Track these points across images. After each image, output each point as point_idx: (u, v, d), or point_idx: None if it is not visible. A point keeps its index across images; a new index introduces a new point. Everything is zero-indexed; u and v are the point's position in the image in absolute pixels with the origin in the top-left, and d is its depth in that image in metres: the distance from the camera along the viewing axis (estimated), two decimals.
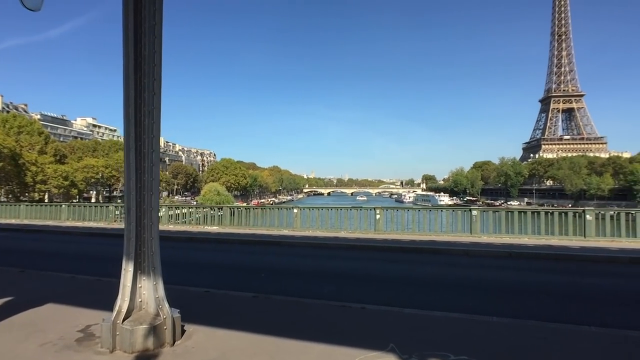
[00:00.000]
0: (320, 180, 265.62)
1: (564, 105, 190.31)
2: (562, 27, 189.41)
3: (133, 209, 4.47)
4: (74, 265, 10.33)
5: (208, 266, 10.65)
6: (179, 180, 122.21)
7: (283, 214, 17.63)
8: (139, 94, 4.40)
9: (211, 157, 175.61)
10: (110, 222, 21.09)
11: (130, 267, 4.42)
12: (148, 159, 4.46)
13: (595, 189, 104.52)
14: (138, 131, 4.43)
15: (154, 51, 4.39)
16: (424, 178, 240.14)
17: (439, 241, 13.33)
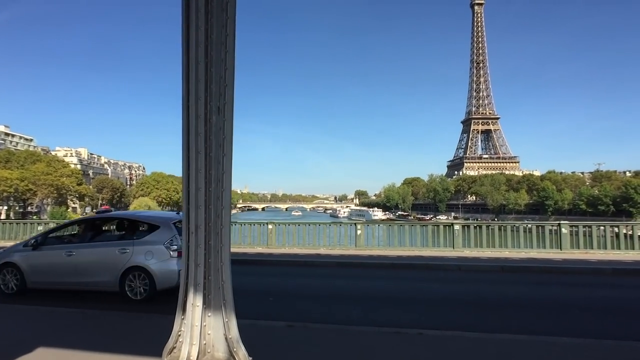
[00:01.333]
0: (254, 195, 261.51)
1: (482, 126, 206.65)
2: (479, 55, 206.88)
3: (201, 227, 3.66)
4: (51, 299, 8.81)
5: None
6: (104, 195, 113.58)
7: (255, 230, 16.69)
8: (207, 86, 3.64)
9: (140, 171, 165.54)
10: None
11: (199, 300, 3.64)
12: (220, 165, 3.68)
13: (513, 204, 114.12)
14: (206, 130, 3.69)
15: (226, 34, 3.61)
16: (356, 193, 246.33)
17: (427, 256, 13.42)
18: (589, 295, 8.81)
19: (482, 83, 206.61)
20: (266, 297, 8.64)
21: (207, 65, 3.60)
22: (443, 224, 15.91)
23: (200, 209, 3.63)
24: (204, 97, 3.61)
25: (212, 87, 3.63)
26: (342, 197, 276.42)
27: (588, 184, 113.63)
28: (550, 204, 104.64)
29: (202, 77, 3.59)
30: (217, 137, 3.67)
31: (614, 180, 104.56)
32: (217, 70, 3.59)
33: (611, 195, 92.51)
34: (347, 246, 15.83)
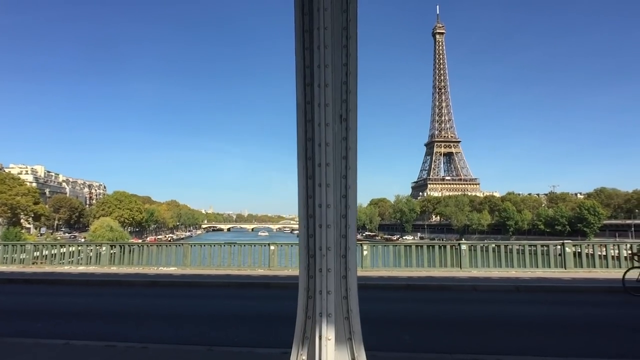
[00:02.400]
0: (220, 215, 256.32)
1: (444, 149, 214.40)
2: (441, 81, 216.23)
3: (332, 249, 3.19)
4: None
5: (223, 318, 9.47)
6: (61, 215, 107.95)
7: (254, 252, 16.41)
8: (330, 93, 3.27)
9: (101, 190, 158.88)
10: None
11: (331, 333, 3.13)
12: (345, 179, 3.24)
13: (477, 224, 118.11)
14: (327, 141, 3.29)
15: (347, 36, 3.33)
16: None
17: (438, 277, 13.74)
18: (623, 314, 9.27)
19: (444, 108, 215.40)
20: None
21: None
22: (449, 244, 16.31)
23: (330, 229, 3.19)
24: (325, 104, 3.25)
25: (334, 94, 3.32)
26: None
27: (544, 204, 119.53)
28: (511, 224, 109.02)
29: (326, 82, 3.24)
30: (340, 149, 3.28)
31: (568, 202, 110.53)
32: (338, 75, 3.32)
33: (567, 216, 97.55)
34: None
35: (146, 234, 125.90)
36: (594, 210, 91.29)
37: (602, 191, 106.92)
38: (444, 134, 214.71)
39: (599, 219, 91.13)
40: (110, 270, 15.78)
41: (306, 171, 3.27)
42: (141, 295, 11.63)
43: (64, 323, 8.19)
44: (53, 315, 8.98)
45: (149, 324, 8.09)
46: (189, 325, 7.93)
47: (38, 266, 16.88)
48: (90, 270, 15.85)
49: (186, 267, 15.84)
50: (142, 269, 15.72)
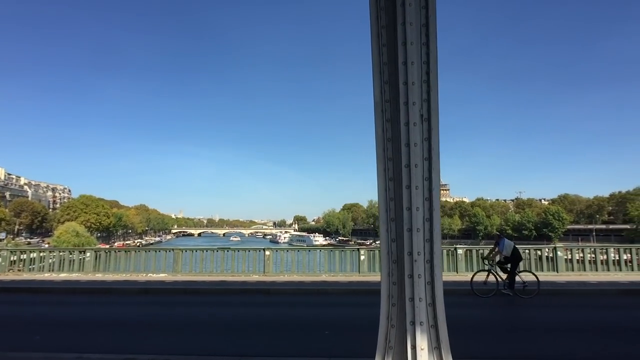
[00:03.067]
0: (190, 220, 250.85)
1: None
2: None
3: (421, 254, 3.10)
4: None
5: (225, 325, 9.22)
6: (22, 220, 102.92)
7: (249, 257, 16.15)
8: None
9: (66, 193, 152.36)
10: None
11: (424, 342, 3.04)
12: (428, 182, 3.16)
13: (448, 229, 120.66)
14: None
15: (427, 33, 3.17)
16: (295, 219, 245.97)
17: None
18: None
19: None
20: (324, 331, 8.47)
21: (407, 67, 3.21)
22: (445, 249, 16.45)
23: (419, 233, 3.10)
24: (412, 102, 3.20)
25: (414, 92, 3.23)
26: (281, 222, 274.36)
27: (512, 210, 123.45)
28: (481, 229, 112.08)
29: (412, 80, 3.17)
30: (422, 150, 3.19)
31: (534, 207, 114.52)
32: (419, 72, 3.22)
33: (533, 221, 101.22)
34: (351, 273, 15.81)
35: (114, 239, 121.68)
36: (558, 216, 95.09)
37: (566, 197, 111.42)
38: None
39: (563, 224, 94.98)
40: (96, 277, 15.12)
41: (386, 173, 3.21)
42: (136, 304, 11.19)
43: (64, 335, 7.77)
44: (49, 326, 8.50)
45: (157, 333, 7.78)
46: (204, 334, 7.66)
47: (15, 273, 15.97)
48: (73, 277, 15.13)
49: (177, 273, 15.36)
50: (129, 276, 15.14)
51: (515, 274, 11.68)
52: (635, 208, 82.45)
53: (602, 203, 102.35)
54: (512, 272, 11.64)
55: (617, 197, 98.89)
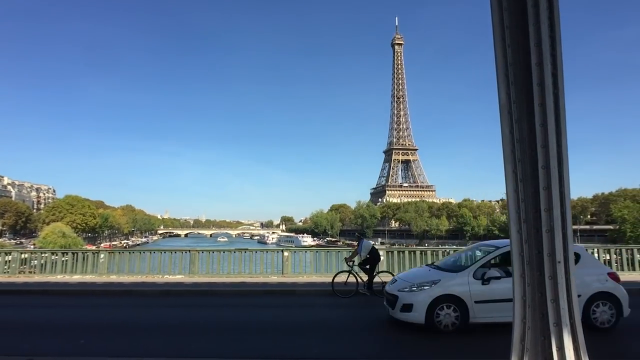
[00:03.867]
0: (176, 220, 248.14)
1: (402, 157, 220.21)
2: (400, 90, 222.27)
3: (557, 254, 3.08)
4: None
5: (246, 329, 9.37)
6: (6, 220, 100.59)
7: (266, 258, 16.16)
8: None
9: (50, 194, 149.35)
10: None
11: (569, 343, 3.07)
12: (562, 181, 3.13)
13: (435, 230, 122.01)
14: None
15: (552, 34, 3.17)
16: (282, 219, 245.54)
17: None
18: None
19: (402, 116, 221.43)
20: None
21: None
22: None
23: (557, 234, 3.09)
24: (542, 104, 3.18)
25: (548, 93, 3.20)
26: (268, 223, 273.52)
27: (498, 210, 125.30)
28: (468, 229, 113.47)
29: (545, 82, 3.17)
30: (552, 149, 3.16)
31: None
32: (547, 73, 3.19)
33: None
34: None
35: (100, 240, 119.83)
36: None
37: None
38: (402, 141, 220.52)
39: None
40: (111, 279, 15.03)
41: (516, 175, 3.23)
42: (162, 306, 11.13)
43: (107, 338, 7.73)
44: (86, 329, 8.38)
45: (200, 336, 7.77)
46: (248, 336, 7.78)
47: (26, 275, 15.77)
48: (87, 279, 15.02)
49: (194, 274, 15.34)
50: (146, 277, 15.07)
51: (374, 274, 12.01)
52: (618, 209, 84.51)
53: (586, 204, 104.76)
54: (371, 273, 11.98)
55: (600, 198, 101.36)
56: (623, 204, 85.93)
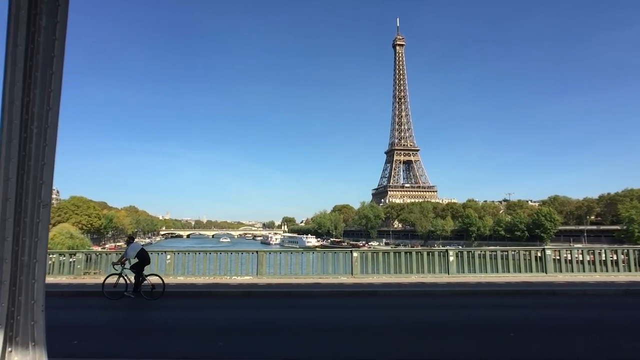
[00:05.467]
0: (178, 221, 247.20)
1: (404, 157, 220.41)
2: (401, 91, 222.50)
3: None
4: None
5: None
6: None
7: (335, 259, 16.00)
8: None
9: (54, 195, 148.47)
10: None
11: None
12: None
13: (441, 230, 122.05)
14: None
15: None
16: (284, 220, 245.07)
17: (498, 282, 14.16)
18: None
19: (404, 117, 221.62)
20: None
21: None
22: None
23: None
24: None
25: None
26: (269, 223, 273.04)
27: (502, 211, 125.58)
28: (473, 230, 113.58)
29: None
30: None
31: (524, 209, 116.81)
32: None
33: (525, 222, 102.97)
34: (439, 274, 15.60)
35: (104, 241, 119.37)
36: (550, 217, 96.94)
37: (556, 199, 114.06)
38: (404, 142, 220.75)
39: (555, 225, 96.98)
40: (178, 280, 14.97)
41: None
42: (266, 308, 10.96)
43: (247, 341, 7.65)
44: (208, 331, 8.34)
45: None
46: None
47: (91, 277, 15.68)
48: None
49: (262, 275, 15.32)
50: (213, 279, 15.06)
51: (141, 276, 12.07)
52: (625, 209, 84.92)
53: (592, 204, 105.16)
54: (137, 275, 12.05)
55: (606, 199, 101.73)
56: (630, 204, 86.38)
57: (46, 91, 3.32)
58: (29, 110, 3.28)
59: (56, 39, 3.31)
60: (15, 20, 3.19)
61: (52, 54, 3.32)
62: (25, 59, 3.24)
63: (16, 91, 3.26)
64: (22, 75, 3.31)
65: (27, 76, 3.35)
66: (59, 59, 3.34)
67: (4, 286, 3.11)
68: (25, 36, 3.23)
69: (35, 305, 3.22)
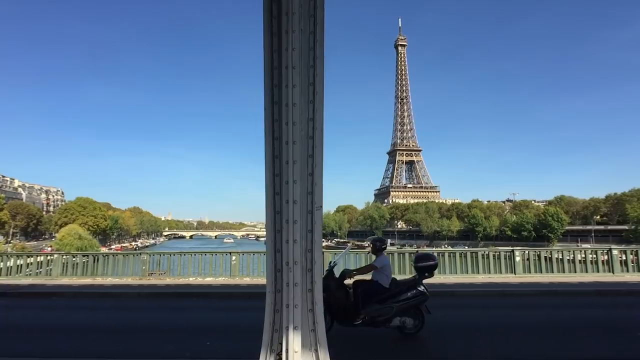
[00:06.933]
0: (180, 222, 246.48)
1: (406, 157, 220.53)
2: (403, 92, 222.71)
3: None
4: None
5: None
6: (18, 222, 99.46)
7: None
8: None
9: (59, 196, 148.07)
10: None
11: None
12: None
13: (447, 231, 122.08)
14: None
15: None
16: None
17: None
18: None
19: (406, 117, 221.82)
20: None
21: None
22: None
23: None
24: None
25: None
26: None
27: (508, 211, 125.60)
28: (479, 230, 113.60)
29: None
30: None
31: (530, 209, 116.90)
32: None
33: (532, 223, 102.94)
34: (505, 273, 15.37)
35: (109, 242, 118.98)
36: (557, 217, 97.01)
37: (562, 199, 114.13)
38: (406, 142, 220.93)
39: (563, 225, 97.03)
40: (239, 281, 14.90)
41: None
42: None
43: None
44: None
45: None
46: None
47: (157, 278, 15.54)
48: (220, 281, 14.90)
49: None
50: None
51: None
52: (633, 209, 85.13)
53: (598, 204, 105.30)
54: None
55: (613, 198, 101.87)
56: (638, 204, 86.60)
57: (310, 92, 3.34)
58: (306, 114, 3.34)
59: (316, 41, 3.32)
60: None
61: (314, 56, 3.31)
62: (282, 60, 3.26)
63: (293, 94, 3.29)
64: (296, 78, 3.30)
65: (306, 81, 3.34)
66: (319, 61, 3.33)
67: (297, 288, 3.24)
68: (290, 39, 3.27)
69: (317, 307, 3.28)
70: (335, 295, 7.14)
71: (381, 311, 7.09)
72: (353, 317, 7.10)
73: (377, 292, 7.28)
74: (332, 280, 7.31)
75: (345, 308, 7.14)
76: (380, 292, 7.30)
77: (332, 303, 7.07)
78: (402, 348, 6.93)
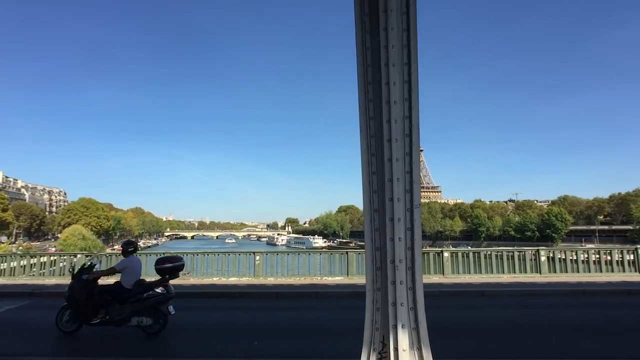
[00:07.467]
0: (181, 222, 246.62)
1: None
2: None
3: None
4: None
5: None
6: (21, 223, 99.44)
7: None
8: None
9: (61, 196, 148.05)
10: None
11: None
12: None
13: (449, 231, 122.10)
14: None
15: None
16: (287, 221, 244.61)
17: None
18: None
19: None
20: None
21: None
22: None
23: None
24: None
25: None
26: (273, 224, 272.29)
27: (510, 211, 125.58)
28: (482, 230, 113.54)
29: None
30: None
31: (534, 209, 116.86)
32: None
33: (535, 222, 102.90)
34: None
35: (112, 243, 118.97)
36: (561, 217, 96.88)
37: (565, 198, 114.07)
38: None
39: (566, 225, 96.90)
40: (267, 281, 14.85)
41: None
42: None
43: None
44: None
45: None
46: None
47: (182, 278, 15.39)
48: (244, 281, 14.85)
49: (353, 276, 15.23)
50: (298, 279, 14.94)
51: None
52: (638, 209, 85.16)
53: (602, 204, 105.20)
54: None
55: (617, 198, 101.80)
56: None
57: (406, 90, 3.31)
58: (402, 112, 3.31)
59: (410, 38, 3.29)
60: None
61: (408, 54, 3.28)
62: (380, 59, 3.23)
63: (391, 92, 3.26)
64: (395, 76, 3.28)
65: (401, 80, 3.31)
66: (414, 58, 3.30)
67: (402, 286, 3.21)
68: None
69: (419, 306, 3.24)
70: (76, 295, 7.65)
71: (120, 311, 7.59)
72: (92, 316, 7.64)
73: (118, 293, 7.77)
74: (76, 281, 7.85)
75: (85, 307, 7.62)
76: (122, 292, 7.77)
77: (74, 302, 7.62)
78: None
